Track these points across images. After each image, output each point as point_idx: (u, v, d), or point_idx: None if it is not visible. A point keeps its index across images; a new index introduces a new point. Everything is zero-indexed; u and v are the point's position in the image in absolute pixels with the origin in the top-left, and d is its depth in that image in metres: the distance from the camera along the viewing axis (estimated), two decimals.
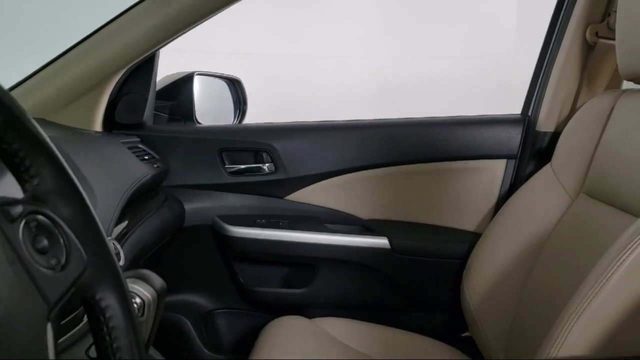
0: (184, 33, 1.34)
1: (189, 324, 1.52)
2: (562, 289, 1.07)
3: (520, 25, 4.26)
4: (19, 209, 0.42)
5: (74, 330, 0.70)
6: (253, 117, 1.76)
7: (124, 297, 0.49)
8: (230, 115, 1.71)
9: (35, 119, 0.47)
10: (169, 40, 1.34)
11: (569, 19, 1.36)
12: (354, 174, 1.50)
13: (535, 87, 1.46)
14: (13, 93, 1.34)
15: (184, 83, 1.56)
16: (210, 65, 1.77)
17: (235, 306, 1.53)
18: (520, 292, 1.21)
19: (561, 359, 0.83)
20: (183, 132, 1.51)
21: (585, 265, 0.94)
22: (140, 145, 1.37)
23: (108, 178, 1.06)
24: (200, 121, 1.56)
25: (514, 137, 1.46)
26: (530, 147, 1.44)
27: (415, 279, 1.45)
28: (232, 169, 1.49)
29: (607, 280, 0.82)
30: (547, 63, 1.43)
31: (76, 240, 0.46)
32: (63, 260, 0.44)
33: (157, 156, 1.40)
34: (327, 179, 1.49)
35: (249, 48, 4.05)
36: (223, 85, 1.68)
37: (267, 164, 1.48)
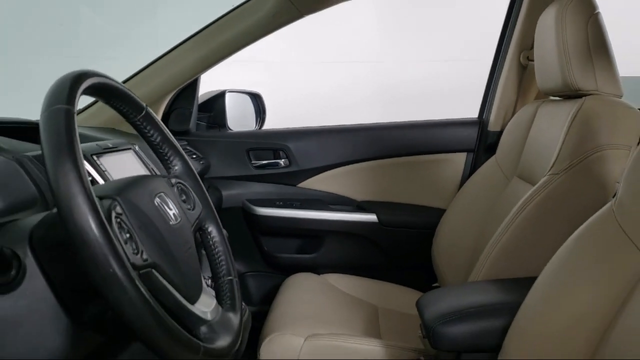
0: (217, 64, 1.78)
1: None
2: None
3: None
4: (173, 180, 0.87)
5: None
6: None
7: (220, 228, 0.93)
8: (253, 122, 2.15)
9: (106, 128, 0.85)
10: (206, 70, 1.79)
11: (509, 45, 1.80)
12: (350, 166, 1.94)
13: (487, 97, 1.90)
14: (91, 108, 1.78)
15: (218, 98, 2.00)
16: (230, 72, 2.12)
17: (261, 269, 1.98)
18: (472, 251, 1.63)
19: (479, 280, 1.28)
20: (219, 137, 1.96)
21: (516, 216, 1.35)
22: (188, 147, 1.81)
23: None
24: (231, 128, 2.01)
25: (471, 135, 1.90)
26: (484, 143, 1.87)
27: (397, 244, 1.90)
28: (257, 164, 1.94)
29: (507, 230, 1.27)
30: (494, 78, 1.87)
31: (196, 197, 0.91)
32: (192, 207, 0.89)
33: (201, 155, 1.84)
34: (329, 170, 1.94)
35: (260, 56, 4.46)
36: (247, 98, 2.12)
37: (283, 160, 1.94)
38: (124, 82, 1.79)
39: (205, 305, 0.77)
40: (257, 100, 2.13)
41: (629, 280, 0.85)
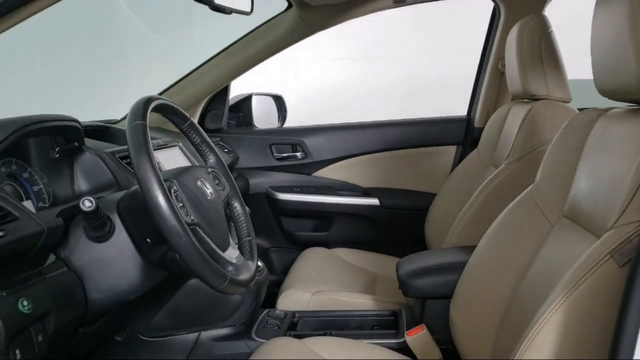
0: (244, 73, 2.14)
1: None
2: None
3: None
4: (208, 169, 1.23)
5: None
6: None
7: (242, 204, 1.29)
8: (275, 120, 2.49)
9: (154, 127, 1.20)
10: (234, 78, 2.16)
11: (490, 55, 2.11)
12: (357, 157, 2.29)
13: (474, 98, 2.22)
14: None
15: (245, 100, 2.36)
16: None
17: (282, 245, 2.34)
18: (458, 224, 1.91)
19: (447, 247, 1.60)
20: (246, 133, 2.33)
21: (479, 196, 1.66)
22: (221, 143, 2.18)
23: None
24: (257, 125, 2.37)
25: (460, 130, 2.22)
26: (470, 137, 2.19)
27: (395, 224, 2.23)
28: (278, 157, 2.30)
29: (470, 208, 1.59)
30: (479, 82, 2.18)
31: (226, 182, 1.27)
32: (223, 188, 1.25)
33: (231, 149, 2.21)
34: (339, 161, 2.30)
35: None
36: (270, 100, 2.47)
37: (299, 153, 2.30)
38: (169, 87, 2.17)
39: (232, 254, 1.13)
40: (279, 101, 2.48)
41: (539, 240, 1.17)
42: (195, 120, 2.17)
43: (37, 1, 0.83)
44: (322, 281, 1.81)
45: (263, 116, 2.39)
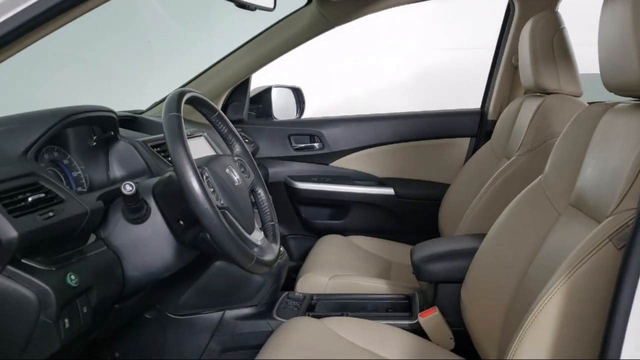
0: (264, 66, 2.22)
1: None
2: None
3: None
4: (235, 158, 1.31)
5: None
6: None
7: (266, 191, 1.37)
8: (294, 112, 2.57)
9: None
10: (255, 71, 2.24)
11: (504, 49, 2.17)
12: (373, 148, 2.36)
13: (488, 91, 2.28)
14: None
15: (265, 92, 2.44)
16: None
17: (300, 232, 2.42)
18: (470, 213, 1.97)
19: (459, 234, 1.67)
20: (266, 124, 2.41)
21: (490, 186, 1.73)
22: (242, 133, 2.26)
23: None
24: (276, 117, 2.45)
25: (474, 123, 2.28)
26: (484, 129, 2.25)
27: (410, 213, 2.31)
28: (296, 147, 2.38)
29: (482, 198, 1.66)
30: (493, 76, 2.24)
31: (250, 169, 1.35)
32: (248, 176, 1.33)
33: (251, 139, 2.29)
34: (355, 152, 2.37)
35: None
36: (289, 92, 2.54)
37: (317, 143, 2.37)
38: (193, 79, 2.25)
39: (257, 237, 1.21)
40: (297, 93, 2.55)
41: (546, 228, 1.24)
42: None
43: (87, 2, 0.91)
44: (339, 266, 1.89)
45: (282, 108, 2.47)
